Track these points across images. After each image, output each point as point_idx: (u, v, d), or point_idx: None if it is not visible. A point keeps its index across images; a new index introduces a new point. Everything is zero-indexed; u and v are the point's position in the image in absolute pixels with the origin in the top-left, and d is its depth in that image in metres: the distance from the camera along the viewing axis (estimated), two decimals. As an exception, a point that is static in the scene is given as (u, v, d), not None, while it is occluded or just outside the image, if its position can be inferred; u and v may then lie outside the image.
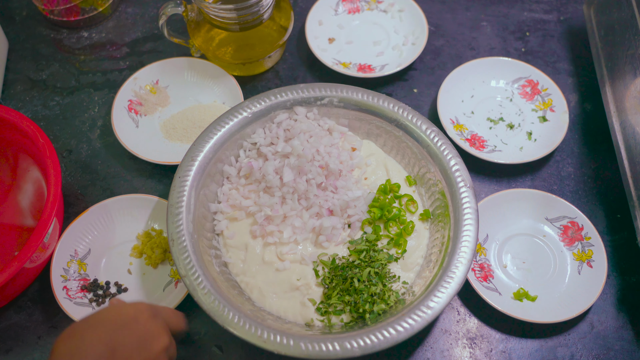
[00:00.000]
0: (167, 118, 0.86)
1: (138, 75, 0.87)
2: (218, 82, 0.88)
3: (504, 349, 0.72)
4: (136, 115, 0.86)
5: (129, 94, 0.86)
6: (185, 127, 0.84)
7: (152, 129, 0.86)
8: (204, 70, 0.88)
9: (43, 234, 0.67)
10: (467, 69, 0.88)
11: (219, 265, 0.72)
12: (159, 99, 0.87)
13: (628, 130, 0.78)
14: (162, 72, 0.88)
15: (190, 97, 0.88)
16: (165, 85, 0.88)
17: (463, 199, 0.71)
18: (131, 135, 0.83)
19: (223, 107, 0.86)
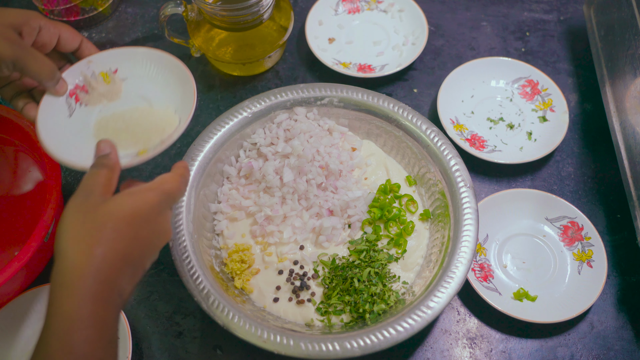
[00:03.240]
0: (108, 115, 0.69)
1: (95, 58, 0.69)
2: (184, 88, 0.68)
3: (504, 349, 0.72)
4: (75, 103, 0.69)
5: (76, 77, 0.69)
6: (118, 129, 0.67)
7: (85, 123, 0.69)
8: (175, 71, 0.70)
9: (43, 234, 0.67)
10: (467, 69, 0.89)
11: (219, 265, 0.72)
12: (109, 91, 0.71)
13: (628, 130, 0.78)
14: (125, 60, 0.71)
15: (143, 97, 0.71)
16: (123, 77, 0.71)
17: (463, 199, 0.71)
18: (54, 123, 0.66)
19: (172, 117, 0.67)
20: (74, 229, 0.50)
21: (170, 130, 0.64)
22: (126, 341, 0.68)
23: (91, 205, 0.51)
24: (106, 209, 0.51)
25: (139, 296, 0.75)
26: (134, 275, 0.52)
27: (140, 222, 0.52)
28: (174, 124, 0.65)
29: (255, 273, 0.73)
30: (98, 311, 0.48)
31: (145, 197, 0.53)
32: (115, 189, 0.55)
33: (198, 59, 0.93)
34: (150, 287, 0.76)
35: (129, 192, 0.53)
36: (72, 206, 0.52)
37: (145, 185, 0.55)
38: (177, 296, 0.75)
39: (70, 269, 0.48)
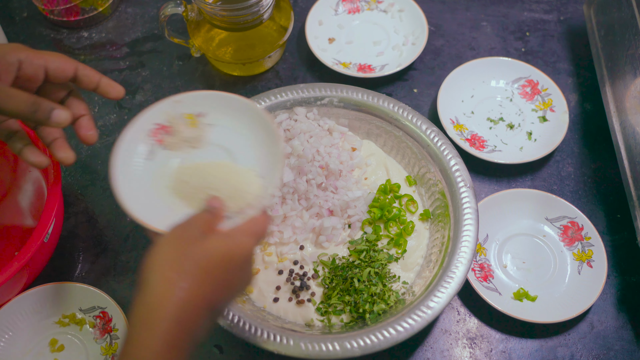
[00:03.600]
0: (188, 165, 0.62)
1: (183, 98, 0.63)
2: (271, 150, 0.60)
3: (504, 349, 0.72)
4: (156, 144, 0.62)
5: (160, 116, 0.62)
6: (197, 186, 0.60)
7: (163, 170, 0.62)
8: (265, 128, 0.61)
9: (43, 234, 0.67)
10: (467, 69, 0.88)
11: (219, 265, 0.72)
12: (193, 137, 0.63)
13: (628, 130, 0.78)
14: (214, 105, 0.63)
15: (228, 150, 0.63)
16: (210, 124, 0.63)
17: (463, 199, 0.71)
18: (130, 164, 0.61)
19: (256, 182, 0.59)
20: (166, 260, 0.49)
21: (251, 197, 0.57)
22: (126, 341, 0.68)
23: (189, 238, 0.50)
24: (202, 248, 0.50)
25: (139, 296, 0.75)
26: (211, 321, 0.51)
27: (232, 268, 0.51)
28: (256, 190, 0.58)
29: (255, 273, 0.73)
30: (172, 356, 0.47)
31: (241, 243, 0.52)
32: None
33: (198, 59, 0.93)
34: (150, 287, 0.76)
35: (226, 235, 0.52)
36: (170, 234, 0.51)
37: (240, 227, 0.54)
38: (177, 296, 0.75)
39: (154, 306, 0.47)
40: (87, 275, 0.76)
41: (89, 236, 0.79)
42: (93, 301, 0.72)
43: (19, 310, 0.71)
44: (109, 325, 0.71)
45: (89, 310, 0.72)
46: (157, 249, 0.50)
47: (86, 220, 0.80)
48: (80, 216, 0.81)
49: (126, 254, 0.78)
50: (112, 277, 0.76)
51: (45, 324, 0.72)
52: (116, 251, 0.78)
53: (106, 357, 0.70)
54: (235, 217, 0.56)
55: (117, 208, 0.81)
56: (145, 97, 0.90)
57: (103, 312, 0.71)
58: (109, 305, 0.70)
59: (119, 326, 0.70)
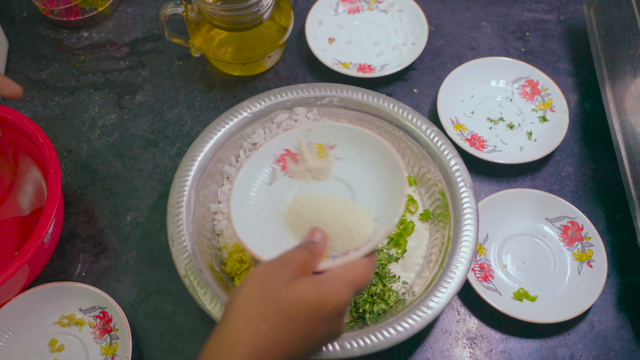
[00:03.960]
0: (305, 196, 0.60)
1: (316, 128, 0.62)
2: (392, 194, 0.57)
3: (504, 349, 0.72)
4: (280, 171, 0.62)
5: (291, 142, 0.62)
6: (307, 219, 0.58)
7: (281, 198, 0.61)
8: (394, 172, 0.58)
9: (43, 234, 0.67)
10: (467, 69, 0.88)
11: (219, 265, 0.72)
12: (318, 168, 0.62)
13: (628, 130, 0.78)
14: (346, 138, 0.62)
15: (349, 187, 0.61)
16: (339, 157, 0.62)
17: (463, 199, 0.71)
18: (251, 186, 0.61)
19: (368, 226, 0.56)
20: (251, 298, 0.46)
21: (359, 240, 0.55)
22: (126, 341, 0.68)
23: (280, 278, 0.47)
24: (290, 292, 0.47)
25: (139, 296, 0.75)
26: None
27: (319, 319, 0.47)
28: (367, 234, 0.55)
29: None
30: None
31: (334, 293, 0.48)
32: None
33: (198, 59, 0.93)
34: (150, 287, 0.76)
35: (319, 281, 0.48)
36: (262, 269, 0.49)
37: (336, 272, 0.50)
38: (177, 296, 0.75)
39: (228, 345, 0.45)
40: (87, 275, 0.76)
41: (89, 236, 0.79)
42: (93, 301, 0.72)
43: (19, 310, 0.71)
44: (109, 325, 0.71)
45: (89, 310, 0.72)
46: (245, 284, 0.48)
47: (86, 220, 0.80)
48: (80, 216, 0.81)
49: (126, 254, 0.78)
50: (112, 277, 0.76)
51: (45, 324, 0.72)
52: (116, 251, 0.78)
53: (106, 357, 0.70)
54: (339, 257, 0.53)
55: (117, 208, 0.81)
56: (145, 97, 0.90)
57: (103, 312, 0.71)
58: (109, 305, 0.70)
59: (118, 326, 0.70)
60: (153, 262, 0.77)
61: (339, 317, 0.50)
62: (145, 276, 0.76)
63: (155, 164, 0.84)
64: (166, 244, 0.76)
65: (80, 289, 0.72)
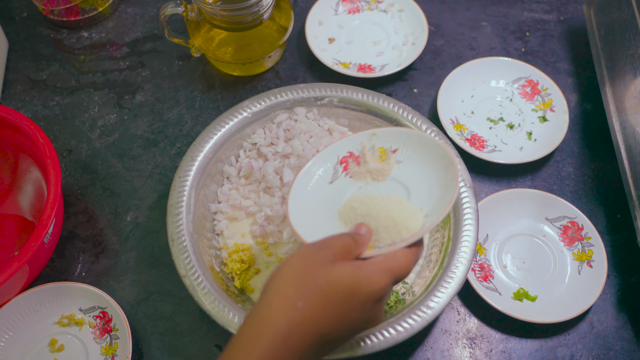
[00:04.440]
0: (362, 195, 0.63)
1: (380, 132, 0.65)
2: (444, 194, 0.60)
3: (504, 349, 0.72)
4: (342, 172, 0.66)
5: (355, 145, 0.66)
6: (359, 214, 0.61)
7: (339, 196, 0.64)
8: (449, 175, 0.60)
9: (43, 234, 0.67)
10: (467, 69, 0.88)
11: (219, 265, 0.72)
12: (378, 170, 0.65)
13: (628, 130, 0.78)
14: (408, 143, 0.65)
15: (406, 187, 0.63)
16: (399, 160, 0.65)
17: (463, 199, 0.71)
18: (313, 182, 0.65)
19: (417, 221, 0.58)
20: (290, 276, 0.48)
21: (406, 233, 0.57)
22: (126, 341, 0.68)
23: (319, 259, 0.49)
24: (328, 272, 0.48)
25: (139, 296, 0.75)
26: (322, 351, 0.49)
27: (355, 303, 0.48)
28: (414, 229, 0.57)
29: (255, 273, 0.73)
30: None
31: (372, 278, 0.49)
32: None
33: (198, 59, 0.93)
34: (150, 287, 0.76)
35: (357, 266, 0.50)
36: (303, 250, 0.50)
37: (376, 259, 0.51)
38: (177, 296, 0.75)
39: (265, 319, 0.46)
40: (87, 275, 0.76)
41: (89, 236, 0.79)
42: (93, 301, 0.72)
43: (19, 310, 0.71)
44: (108, 325, 0.71)
45: (89, 310, 0.72)
46: (286, 263, 0.49)
47: (86, 220, 0.80)
48: (80, 216, 0.81)
49: (126, 254, 0.78)
50: (112, 277, 0.76)
51: (45, 324, 0.72)
52: (116, 251, 0.78)
53: (106, 357, 0.70)
54: (384, 248, 0.55)
55: (117, 208, 0.81)
56: (145, 97, 0.90)
57: (103, 312, 0.71)
58: (109, 305, 0.70)
59: (119, 326, 0.70)
60: (153, 262, 0.77)
61: (377, 303, 0.50)
62: (145, 276, 0.76)
63: (155, 164, 0.84)
64: (166, 244, 0.76)
65: (80, 289, 0.72)
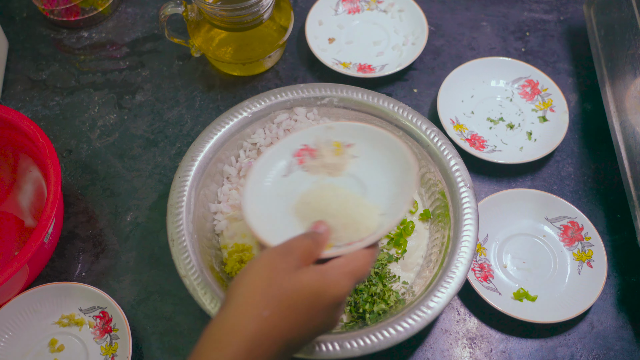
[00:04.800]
0: (317, 189, 0.62)
1: (336, 126, 0.65)
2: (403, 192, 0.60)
3: (504, 349, 0.72)
4: (297, 165, 0.64)
5: (310, 138, 0.65)
6: (315, 209, 0.60)
7: (294, 189, 0.63)
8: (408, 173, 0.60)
9: (43, 234, 0.67)
10: (467, 69, 0.88)
11: (219, 265, 0.72)
12: (334, 165, 0.64)
13: (628, 130, 0.78)
14: (364, 138, 0.64)
15: (362, 184, 0.63)
16: (355, 155, 0.64)
17: (463, 199, 0.71)
18: (268, 176, 0.63)
19: (375, 220, 0.59)
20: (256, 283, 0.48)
21: (365, 231, 0.57)
22: (126, 341, 0.68)
23: (284, 266, 0.49)
24: (294, 280, 0.48)
25: (139, 296, 0.75)
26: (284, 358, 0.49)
27: (319, 308, 0.49)
28: (373, 226, 0.57)
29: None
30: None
31: (336, 283, 0.50)
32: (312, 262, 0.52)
33: (198, 59, 0.93)
34: (150, 287, 0.76)
35: (321, 271, 0.50)
36: (266, 256, 0.50)
37: (337, 262, 0.52)
38: (177, 296, 0.75)
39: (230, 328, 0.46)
40: (87, 275, 0.76)
41: (89, 236, 0.79)
42: (93, 301, 0.72)
43: (19, 310, 0.71)
44: (108, 325, 0.71)
45: (89, 310, 0.72)
46: (250, 270, 0.49)
47: (86, 220, 0.80)
48: (80, 216, 0.81)
49: (126, 254, 0.78)
50: (112, 277, 0.76)
51: (45, 324, 0.72)
52: (116, 251, 0.78)
53: (106, 357, 0.70)
54: (343, 247, 0.55)
55: (117, 208, 0.81)
56: (145, 97, 0.90)
57: (103, 312, 0.71)
58: (109, 305, 0.70)
59: (119, 326, 0.70)
60: (153, 262, 0.77)
61: (338, 306, 0.51)
62: (145, 276, 0.76)
63: (155, 164, 0.84)
64: (166, 244, 0.76)
65: (80, 289, 0.72)
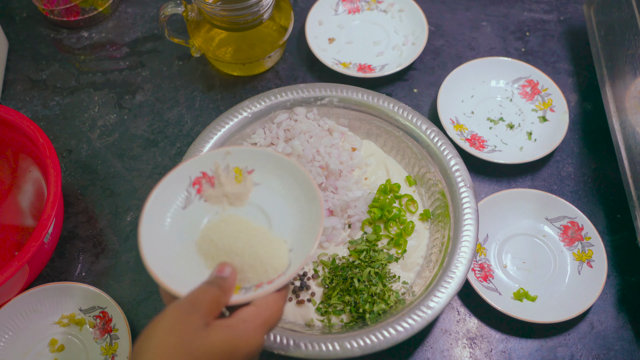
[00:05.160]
0: (219, 221, 0.59)
1: (234, 151, 0.61)
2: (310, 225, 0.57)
3: (504, 349, 0.72)
4: (196, 195, 0.60)
5: (208, 165, 0.60)
6: (220, 248, 0.56)
7: (195, 223, 0.59)
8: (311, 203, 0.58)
9: (43, 234, 0.67)
10: (467, 69, 0.88)
11: (219, 265, 0.72)
12: (235, 194, 0.60)
13: (628, 130, 0.78)
14: (265, 164, 0.61)
15: (265, 214, 0.60)
16: (256, 182, 0.61)
17: (463, 199, 0.71)
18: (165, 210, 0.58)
19: (283, 257, 0.56)
20: (162, 347, 0.45)
21: (273, 272, 0.54)
22: (126, 341, 0.68)
23: (190, 326, 0.46)
24: (203, 341, 0.45)
25: (139, 296, 0.75)
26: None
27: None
28: (281, 268, 0.55)
29: None
30: None
31: (248, 337, 0.48)
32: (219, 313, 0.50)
33: (198, 59, 0.93)
34: (150, 287, 0.76)
35: (231, 327, 0.48)
36: (171, 315, 0.47)
37: (248, 314, 0.49)
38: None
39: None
40: (87, 275, 0.77)
41: (89, 236, 0.79)
42: (93, 301, 0.72)
43: (19, 310, 0.71)
44: (109, 325, 0.71)
45: (89, 310, 0.72)
46: (155, 331, 0.46)
47: (86, 220, 0.80)
48: (80, 216, 0.81)
49: (126, 254, 0.78)
50: (112, 277, 0.76)
51: (45, 324, 0.72)
52: (116, 251, 0.78)
53: (106, 357, 0.70)
54: (252, 290, 0.53)
55: (117, 208, 0.81)
56: (145, 97, 0.90)
57: (103, 312, 0.71)
58: (109, 305, 0.70)
59: (119, 326, 0.70)
60: None
61: (255, 356, 0.49)
62: (145, 276, 0.76)
63: (155, 164, 0.84)
64: (166, 244, 0.76)
65: (80, 289, 0.72)
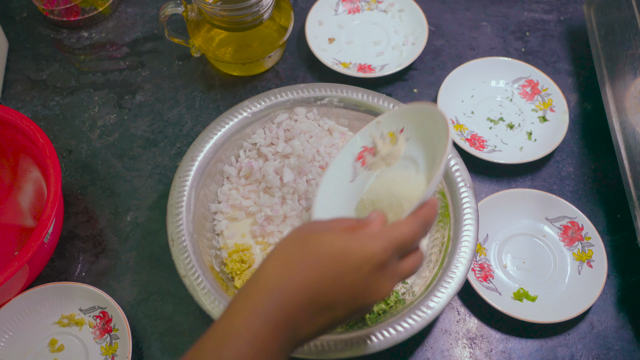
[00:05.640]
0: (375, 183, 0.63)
1: (383, 119, 0.66)
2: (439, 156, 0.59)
3: (504, 349, 0.72)
4: (360, 167, 0.66)
5: (365, 139, 0.67)
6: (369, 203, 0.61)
7: (359, 191, 0.64)
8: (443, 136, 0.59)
9: (43, 234, 0.67)
10: (467, 69, 0.88)
11: (219, 265, 0.72)
12: (390, 154, 0.65)
13: (628, 130, 0.78)
14: (410, 118, 0.65)
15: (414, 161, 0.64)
16: (407, 137, 0.65)
17: (463, 199, 0.71)
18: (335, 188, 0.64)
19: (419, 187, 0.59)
20: (284, 243, 0.50)
21: (407, 204, 0.57)
22: (126, 341, 0.68)
23: (313, 230, 0.50)
24: (320, 239, 0.49)
25: (139, 296, 0.75)
26: (317, 318, 0.48)
27: (347, 266, 0.47)
28: (414, 198, 0.57)
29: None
30: (262, 333, 0.45)
31: (363, 244, 0.48)
32: None
33: (198, 59, 0.93)
34: (150, 287, 0.76)
35: (352, 233, 0.49)
36: (301, 228, 0.51)
37: (374, 228, 0.51)
38: (177, 296, 0.75)
39: (257, 281, 0.48)
40: (87, 275, 0.76)
41: (89, 236, 0.79)
42: (93, 301, 0.72)
43: (19, 310, 0.71)
44: (108, 325, 0.71)
45: (89, 310, 0.72)
46: (283, 239, 0.51)
47: (86, 220, 0.80)
48: (80, 216, 0.81)
49: (126, 254, 0.78)
50: (112, 277, 0.76)
51: (45, 324, 0.72)
52: (116, 251, 0.78)
53: (106, 357, 0.70)
54: None
55: (117, 208, 0.81)
56: (145, 97, 0.90)
57: (103, 312, 0.71)
58: (109, 305, 0.70)
59: (119, 326, 0.70)
60: (153, 262, 0.77)
61: (376, 271, 0.48)
62: (145, 276, 0.76)
63: (155, 164, 0.84)
64: (166, 244, 0.76)
65: (80, 289, 0.72)
